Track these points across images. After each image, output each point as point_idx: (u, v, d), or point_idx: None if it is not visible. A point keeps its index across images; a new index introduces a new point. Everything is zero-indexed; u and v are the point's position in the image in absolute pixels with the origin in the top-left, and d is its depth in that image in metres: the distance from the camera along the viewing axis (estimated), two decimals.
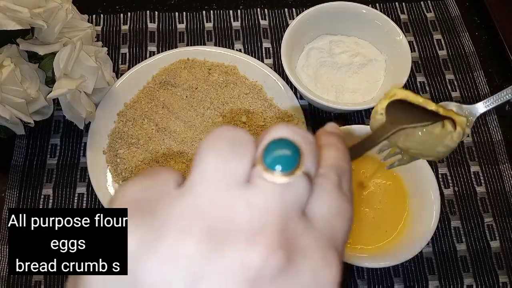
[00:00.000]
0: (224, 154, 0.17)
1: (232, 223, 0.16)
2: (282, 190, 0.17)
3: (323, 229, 0.18)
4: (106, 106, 0.58)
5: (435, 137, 0.33)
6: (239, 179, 0.17)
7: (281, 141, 0.17)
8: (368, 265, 0.47)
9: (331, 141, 0.21)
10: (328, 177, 0.19)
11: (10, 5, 0.47)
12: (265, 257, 0.15)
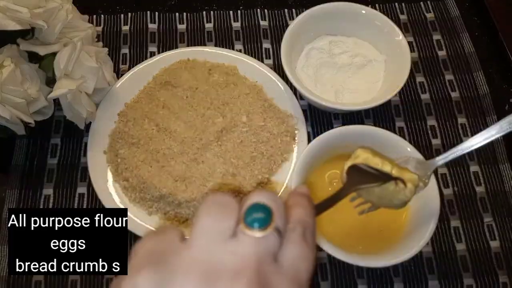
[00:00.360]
0: (215, 216, 0.24)
1: (222, 266, 0.22)
2: (258, 242, 0.23)
3: (289, 270, 0.23)
4: (106, 106, 0.58)
5: (390, 193, 0.41)
6: (227, 233, 0.23)
7: (257, 205, 0.24)
8: (368, 265, 0.47)
9: (298, 201, 0.27)
10: (294, 230, 0.25)
11: (10, 5, 0.47)
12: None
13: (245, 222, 0.23)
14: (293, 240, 0.24)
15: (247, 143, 0.55)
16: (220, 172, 0.53)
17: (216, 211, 0.24)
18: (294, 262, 0.24)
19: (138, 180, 0.52)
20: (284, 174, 0.54)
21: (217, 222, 0.24)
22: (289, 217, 0.25)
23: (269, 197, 0.25)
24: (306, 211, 0.27)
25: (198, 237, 0.23)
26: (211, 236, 0.23)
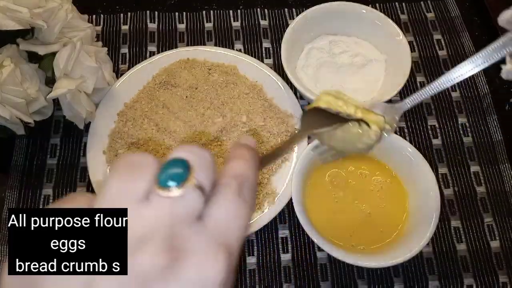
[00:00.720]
0: (124, 177, 0.20)
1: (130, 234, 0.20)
2: (173, 202, 0.19)
3: (215, 230, 0.20)
4: (106, 106, 0.58)
5: (354, 135, 0.37)
6: (136, 197, 0.20)
7: (174, 161, 0.21)
8: (368, 265, 0.47)
9: (239, 153, 0.24)
10: (228, 185, 0.22)
11: (10, 5, 0.47)
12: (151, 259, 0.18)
13: (159, 181, 0.20)
14: (224, 196, 0.21)
15: None
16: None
17: (125, 172, 0.20)
18: (222, 221, 0.21)
19: None
20: (284, 174, 0.54)
21: (125, 184, 0.20)
22: (225, 171, 0.23)
23: (189, 150, 0.21)
24: (246, 164, 0.23)
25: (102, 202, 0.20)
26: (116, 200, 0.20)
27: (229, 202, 0.21)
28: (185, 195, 0.20)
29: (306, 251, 0.52)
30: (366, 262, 0.46)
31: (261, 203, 0.52)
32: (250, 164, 0.24)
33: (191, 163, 0.20)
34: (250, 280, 0.51)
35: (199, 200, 0.20)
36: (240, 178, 0.22)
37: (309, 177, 0.51)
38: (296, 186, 0.48)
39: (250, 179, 0.23)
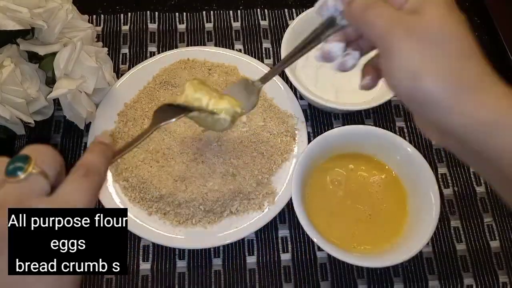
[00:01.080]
0: None
1: None
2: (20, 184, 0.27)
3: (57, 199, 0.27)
4: (106, 106, 0.58)
5: (211, 122, 0.44)
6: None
7: (18, 157, 0.29)
8: (368, 265, 0.47)
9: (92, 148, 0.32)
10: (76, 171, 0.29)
11: (10, 5, 0.47)
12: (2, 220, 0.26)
13: (6, 172, 0.28)
14: (71, 178, 0.29)
15: (247, 143, 0.55)
16: (220, 172, 0.53)
17: None
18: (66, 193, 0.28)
19: (138, 180, 0.52)
20: (284, 174, 0.54)
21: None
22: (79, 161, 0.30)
23: (31, 148, 0.29)
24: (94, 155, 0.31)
25: None
26: None
27: (74, 181, 0.28)
28: (28, 178, 0.27)
29: (306, 251, 0.53)
30: (366, 262, 0.46)
31: (261, 203, 0.52)
32: (98, 154, 0.31)
33: (32, 157, 0.28)
34: (250, 280, 0.51)
35: (42, 181, 0.27)
36: (87, 165, 0.30)
37: (309, 177, 0.51)
38: (296, 186, 0.48)
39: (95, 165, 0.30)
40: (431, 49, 0.28)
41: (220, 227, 0.51)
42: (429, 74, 0.28)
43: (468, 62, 0.29)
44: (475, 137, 0.28)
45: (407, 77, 0.28)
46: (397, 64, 0.29)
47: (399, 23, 0.28)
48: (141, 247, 0.52)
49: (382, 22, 0.29)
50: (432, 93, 0.28)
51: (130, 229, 0.50)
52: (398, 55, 0.28)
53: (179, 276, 0.51)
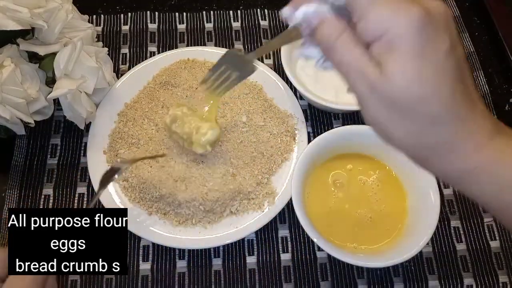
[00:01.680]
0: None
1: None
2: None
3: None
4: (106, 106, 0.58)
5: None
6: None
7: None
8: (368, 265, 0.47)
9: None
10: None
11: (10, 5, 0.47)
12: None
13: None
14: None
15: (247, 143, 0.55)
16: (220, 172, 0.53)
17: None
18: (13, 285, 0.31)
19: (138, 180, 0.52)
20: (284, 174, 0.54)
21: None
22: None
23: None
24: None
25: None
26: None
27: None
28: None
29: (306, 251, 0.53)
30: (366, 262, 0.46)
31: (261, 203, 0.52)
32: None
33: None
34: (250, 280, 0.51)
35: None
36: None
37: (309, 177, 0.51)
38: (296, 186, 0.48)
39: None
40: (397, 116, 0.26)
41: (220, 227, 0.51)
42: (396, 138, 0.27)
43: (437, 126, 0.26)
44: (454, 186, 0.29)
45: (377, 131, 0.28)
46: (365, 115, 0.28)
47: (363, 76, 0.26)
48: (141, 247, 0.52)
49: (345, 67, 0.27)
50: (402, 151, 0.29)
51: (130, 229, 0.50)
52: (365, 109, 0.27)
53: (179, 276, 0.51)
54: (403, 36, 0.24)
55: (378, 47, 0.25)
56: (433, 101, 0.25)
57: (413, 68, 0.24)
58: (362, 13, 0.25)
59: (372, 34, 0.25)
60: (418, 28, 0.24)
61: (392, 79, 0.25)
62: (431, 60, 0.25)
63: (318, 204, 0.50)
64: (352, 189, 0.52)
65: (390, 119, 0.26)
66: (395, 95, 0.25)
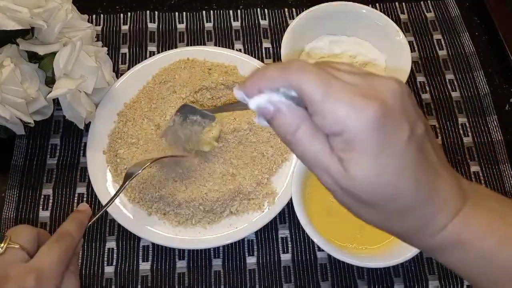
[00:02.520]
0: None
1: None
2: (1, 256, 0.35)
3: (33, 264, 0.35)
4: (106, 106, 0.58)
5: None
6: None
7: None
8: (368, 265, 0.47)
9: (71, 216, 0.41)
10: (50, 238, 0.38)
11: (10, 5, 0.47)
12: None
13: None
14: (45, 245, 0.37)
15: (247, 143, 0.55)
16: (220, 172, 0.53)
17: None
18: (39, 257, 0.36)
19: (138, 180, 0.52)
20: (284, 174, 0.54)
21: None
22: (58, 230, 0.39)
23: (10, 230, 0.38)
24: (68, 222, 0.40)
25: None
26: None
27: (44, 247, 0.36)
28: (7, 251, 0.35)
29: (306, 251, 0.52)
30: (366, 262, 0.46)
31: (261, 203, 0.52)
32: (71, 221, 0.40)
33: (7, 235, 0.36)
34: (250, 280, 0.51)
35: (19, 252, 0.36)
36: (59, 231, 0.38)
37: (309, 177, 0.51)
38: (296, 186, 0.48)
39: (67, 230, 0.39)
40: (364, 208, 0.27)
41: (220, 227, 0.51)
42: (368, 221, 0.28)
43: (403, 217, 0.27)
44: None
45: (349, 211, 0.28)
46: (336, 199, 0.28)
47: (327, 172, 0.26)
48: (141, 247, 0.52)
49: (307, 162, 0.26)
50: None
51: (130, 229, 0.50)
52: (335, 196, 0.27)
53: (179, 276, 0.51)
54: (361, 137, 0.24)
55: (337, 143, 0.25)
56: (397, 198, 0.25)
57: (374, 169, 0.24)
58: (316, 108, 0.25)
59: (328, 130, 0.25)
60: (374, 126, 0.23)
61: (355, 179, 0.25)
62: (391, 155, 0.24)
63: (318, 204, 0.50)
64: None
65: (359, 209, 0.27)
66: (360, 194, 0.25)
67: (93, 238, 0.53)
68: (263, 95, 0.26)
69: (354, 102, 0.24)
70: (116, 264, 0.51)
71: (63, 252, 0.36)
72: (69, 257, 0.37)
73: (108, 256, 0.52)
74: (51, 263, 0.35)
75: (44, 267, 0.35)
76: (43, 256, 0.36)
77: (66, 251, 0.37)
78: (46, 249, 0.36)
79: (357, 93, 0.24)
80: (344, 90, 0.24)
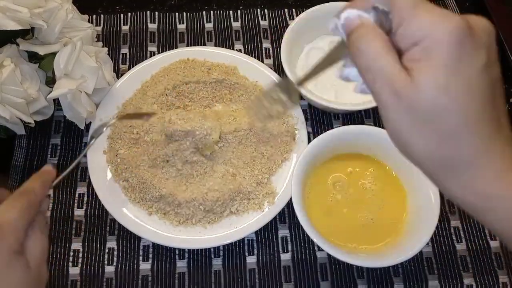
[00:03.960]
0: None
1: None
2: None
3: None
4: (106, 106, 0.58)
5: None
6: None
7: None
8: (368, 265, 0.47)
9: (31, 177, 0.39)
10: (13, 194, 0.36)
11: (10, 5, 0.47)
12: None
13: None
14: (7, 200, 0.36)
15: (247, 143, 0.55)
16: (220, 172, 0.53)
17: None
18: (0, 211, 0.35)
19: (138, 180, 0.52)
20: (284, 174, 0.54)
21: None
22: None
23: None
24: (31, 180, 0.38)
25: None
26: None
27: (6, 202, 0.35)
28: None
29: (306, 251, 0.53)
30: (366, 262, 0.46)
31: (261, 203, 0.52)
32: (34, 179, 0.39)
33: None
34: (250, 280, 0.51)
35: None
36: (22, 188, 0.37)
37: (309, 177, 0.51)
38: (296, 186, 0.48)
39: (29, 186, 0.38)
40: (419, 126, 0.26)
41: (220, 227, 0.51)
42: (416, 150, 0.27)
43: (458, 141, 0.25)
44: (468, 211, 0.27)
45: (397, 142, 0.28)
46: (387, 125, 0.27)
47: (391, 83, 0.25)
48: (141, 247, 0.52)
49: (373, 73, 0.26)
50: (420, 167, 0.28)
51: (130, 229, 0.50)
52: (387, 118, 0.27)
53: (179, 276, 0.51)
54: (441, 45, 0.24)
55: (413, 53, 0.25)
56: (458, 115, 0.25)
57: (445, 80, 0.24)
58: (403, 17, 0.25)
59: (410, 39, 0.25)
60: (457, 39, 0.24)
61: (421, 87, 0.24)
62: (464, 74, 0.24)
63: (318, 204, 0.50)
64: (352, 189, 0.52)
65: (411, 129, 0.26)
66: (421, 103, 0.25)
67: (93, 238, 0.53)
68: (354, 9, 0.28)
69: (442, 14, 0.24)
70: (116, 264, 0.51)
71: (24, 207, 0.36)
72: (31, 213, 0.36)
73: (108, 256, 0.52)
74: (9, 217, 0.35)
75: (2, 221, 0.34)
76: (3, 211, 0.35)
77: (27, 206, 0.36)
78: (5, 204, 0.36)
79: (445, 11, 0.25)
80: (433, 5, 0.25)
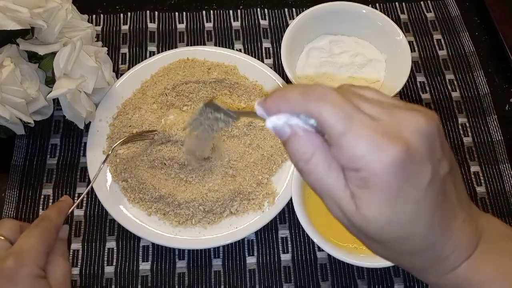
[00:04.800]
0: None
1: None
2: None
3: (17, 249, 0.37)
4: (106, 106, 0.58)
5: None
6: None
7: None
8: (368, 265, 0.47)
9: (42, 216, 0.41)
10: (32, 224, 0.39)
11: (10, 5, 0.47)
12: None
13: None
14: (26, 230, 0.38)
15: (247, 143, 0.55)
16: (220, 173, 0.53)
17: None
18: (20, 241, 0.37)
19: (137, 181, 0.52)
20: (284, 174, 0.54)
21: None
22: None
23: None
24: (48, 209, 0.42)
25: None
26: None
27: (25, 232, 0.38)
28: None
29: (306, 251, 0.52)
30: (366, 262, 0.46)
31: (261, 203, 0.52)
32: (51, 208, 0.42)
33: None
34: (250, 280, 0.51)
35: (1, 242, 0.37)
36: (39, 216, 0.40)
37: None
38: (296, 186, 0.48)
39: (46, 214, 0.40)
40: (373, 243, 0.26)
41: (220, 227, 0.51)
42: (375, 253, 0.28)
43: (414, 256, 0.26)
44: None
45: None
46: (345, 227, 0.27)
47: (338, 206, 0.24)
48: (141, 247, 0.52)
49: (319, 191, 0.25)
50: None
51: (130, 229, 0.50)
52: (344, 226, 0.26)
53: (179, 276, 0.51)
54: (378, 178, 0.22)
55: (353, 178, 0.23)
56: (408, 241, 0.25)
57: (389, 212, 0.23)
58: (334, 141, 0.23)
59: (345, 164, 0.24)
60: (394, 170, 0.22)
61: (367, 218, 0.23)
62: (408, 201, 0.23)
63: (318, 204, 0.50)
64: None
65: (366, 242, 0.26)
66: (370, 232, 0.24)
67: (93, 238, 0.53)
68: (282, 116, 0.25)
69: (375, 141, 0.22)
70: (116, 264, 0.51)
71: (42, 234, 0.37)
72: (49, 238, 0.38)
73: (108, 256, 0.52)
74: (29, 245, 0.36)
75: (22, 249, 0.36)
76: (22, 239, 0.37)
77: (46, 233, 0.38)
78: (25, 233, 0.38)
79: (380, 131, 0.22)
80: (366, 126, 0.22)
